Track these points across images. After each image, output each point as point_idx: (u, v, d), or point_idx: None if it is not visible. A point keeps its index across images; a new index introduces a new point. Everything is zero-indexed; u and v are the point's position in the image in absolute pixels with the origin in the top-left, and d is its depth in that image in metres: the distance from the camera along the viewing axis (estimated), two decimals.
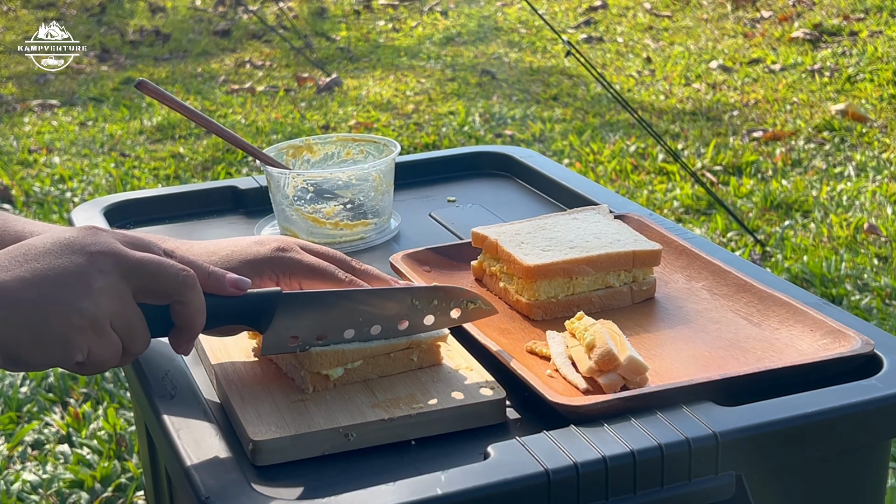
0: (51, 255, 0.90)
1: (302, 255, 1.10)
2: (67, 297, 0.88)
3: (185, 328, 0.97)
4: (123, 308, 0.91)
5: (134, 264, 0.92)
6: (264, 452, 0.94)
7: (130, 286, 0.92)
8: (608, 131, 4.59)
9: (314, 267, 1.09)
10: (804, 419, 0.96)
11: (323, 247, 1.14)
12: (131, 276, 0.92)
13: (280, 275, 1.09)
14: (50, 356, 0.88)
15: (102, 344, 0.90)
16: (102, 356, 0.91)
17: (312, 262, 1.10)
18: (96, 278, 0.90)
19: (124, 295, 0.91)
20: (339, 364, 1.03)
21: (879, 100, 4.79)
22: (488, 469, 0.90)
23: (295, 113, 5.11)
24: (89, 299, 0.89)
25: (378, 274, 1.13)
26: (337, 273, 1.09)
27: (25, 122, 5.22)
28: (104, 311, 0.89)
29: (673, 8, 6.84)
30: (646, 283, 1.24)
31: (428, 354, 1.07)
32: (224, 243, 1.12)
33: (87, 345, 0.89)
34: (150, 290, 0.93)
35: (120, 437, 2.40)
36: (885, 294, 2.96)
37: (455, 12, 7.31)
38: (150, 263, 0.93)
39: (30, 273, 0.88)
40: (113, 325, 0.91)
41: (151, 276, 0.93)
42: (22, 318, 0.86)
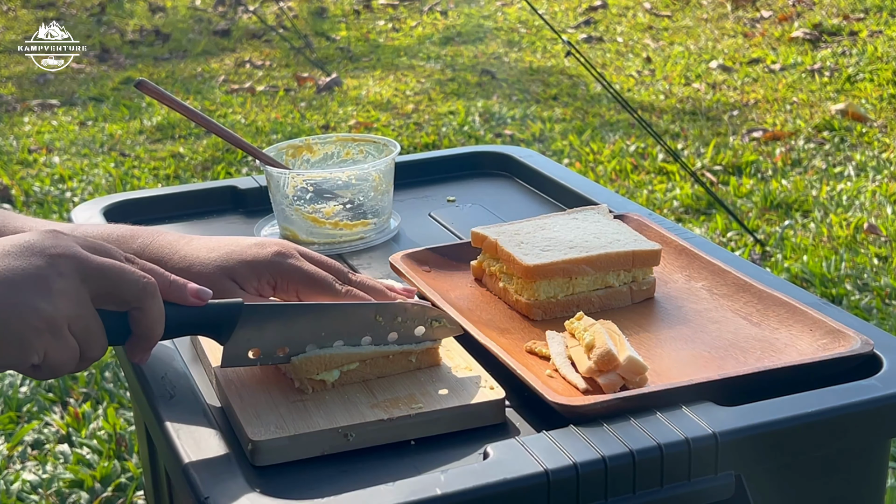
0: (10, 256, 0.89)
1: (302, 262, 1.10)
2: (25, 298, 0.87)
3: (142, 336, 0.96)
4: (82, 311, 0.90)
5: (94, 269, 0.91)
6: (263, 452, 0.94)
7: (90, 290, 0.91)
8: (608, 131, 4.59)
9: (313, 276, 1.09)
10: (804, 419, 0.96)
11: (323, 256, 1.14)
12: (91, 281, 0.91)
13: (278, 280, 1.09)
14: (5, 357, 0.87)
15: (59, 347, 0.89)
16: (59, 359, 0.90)
17: (311, 270, 1.09)
18: (55, 280, 0.89)
19: (83, 299, 0.90)
20: (327, 369, 1.02)
21: (879, 100, 4.79)
22: (488, 469, 0.90)
23: (295, 113, 5.11)
24: (47, 301, 0.88)
25: (375, 285, 1.12)
26: (334, 284, 1.09)
27: (25, 121, 5.22)
28: (62, 313, 0.89)
29: (673, 8, 6.84)
30: (645, 283, 1.24)
31: (426, 356, 1.07)
32: (224, 241, 1.12)
33: (44, 347, 0.88)
34: (110, 295, 0.92)
35: (120, 437, 2.40)
36: (885, 294, 2.96)
37: (455, 12, 7.31)
38: (110, 269, 0.92)
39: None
40: (71, 328, 0.90)
41: (111, 282, 0.92)
42: None
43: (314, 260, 1.12)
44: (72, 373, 0.95)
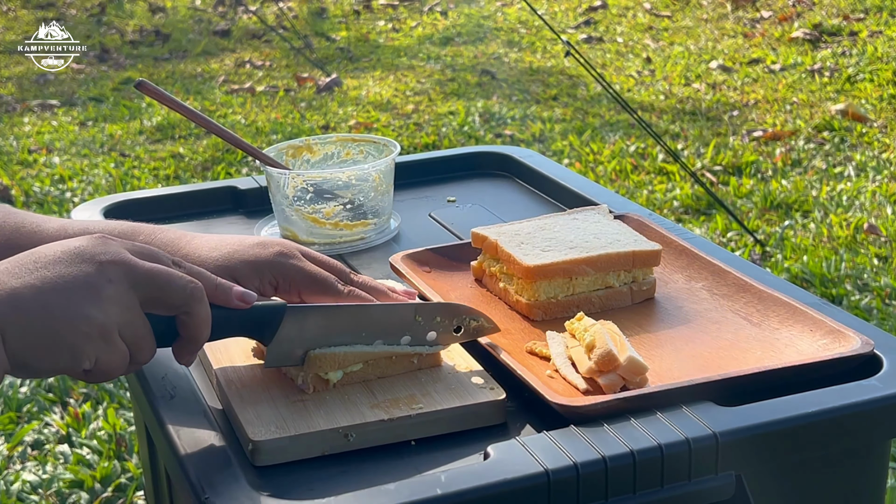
0: (61, 263, 0.90)
1: (304, 262, 1.10)
2: (77, 305, 0.88)
3: (190, 339, 0.97)
4: (131, 317, 0.92)
5: (143, 274, 0.93)
6: (264, 453, 0.94)
7: (139, 296, 0.92)
8: (608, 131, 4.59)
9: (315, 276, 1.09)
10: (804, 419, 0.96)
11: (325, 256, 1.14)
12: (140, 287, 0.92)
13: (280, 280, 1.09)
14: (58, 363, 0.89)
15: (110, 352, 0.91)
16: (110, 364, 0.91)
17: (314, 270, 1.09)
18: (105, 287, 0.90)
19: (132, 304, 0.92)
20: (340, 367, 1.03)
21: (879, 100, 4.79)
22: (488, 469, 0.90)
23: (295, 113, 5.11)
24: (98, 307, 0.89)
25: (377, 285, 1.13)
26: (337, 284, 1.09)
27: (25, 122, 5.22)
28: (112, 319, 0.90)
29: (673, 8, 6.84)
30: (646, 284, 1.24)
31: (428, 358, 1.07)
32: (227, 241, 1.12)
33: (95, 353, 0.90)
34: (159, 300, 0.94)
35: (120, 438, 2.40)
36: (885, 294, 2.96)
37: (455, 12, 7.31)
38: (159, 274, 0.93)
39: (40, 281, 0.88)
40: (121, 333, 0.91)
41: (160, 287, 0.93)
42: (31, 325, 0.87)
43: (316, 260, 1.12)
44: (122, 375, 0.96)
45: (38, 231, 1.12)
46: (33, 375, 0.90)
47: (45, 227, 1.13)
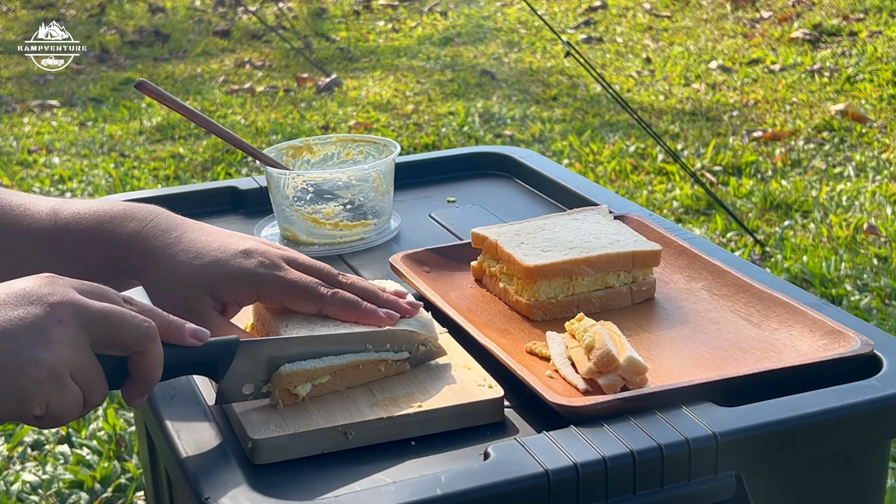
0: (6, 306, 0.86)
1: (286, 271, 1.07)
2: (25, 349, 0.84)
3: (142, 380, 0.93)
4: (83, 359, 0.88)
5: (94, 314, 0.89)
6: (263, 451, 0.95)
7: (89, 337, 0.89)
8: (608, 131, 4.59)
9: (295, 284, 1.07)
10: (804, 420, 0.96)
11: (312, 260, 1.12)
12: (90, 327, 0.88)
13: (260, 292, 1.07)
14: (6, 410, 0.85)
15: (62, 396, 0.87)
16: (63, 408, 0.87)
17: (294, 279, 1.07)
18: (55, 329, 0.86)
19: (83, 345, 0.88)
20: (309, 380, 1.02)
21: (879, 100, 4.79)
22: (488, 469, 0.90)
23: (294, 113, 5.11)
24: (47, 350, 0.85)
25: (366, 286, 1.11)
26: (319, 289, 1.07)
27: (25, 122, 5.22)
28: (63, 361, 0.86)
29: (672, 8, 6.84)
30: (645, 284, 1.24)
31: (395, 365, 1.06)
32: (213, 247, 1.09)
33: (46, 398, 0.86)
34: (111, 340, 0.90)
35: (120, 438, 2.40)
36: (885, 294, 2.96)
37: (454, 13, 7.31)
38: (110, 313, 0.90)
39: None
40: (73, 376, 0.87)
41: (112, 327, 0.89)
42: None
43: (302, 265, 1.10)
44: (75, 419, 0.92)
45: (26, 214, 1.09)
46: None
47: (33, 211, 1.09)
